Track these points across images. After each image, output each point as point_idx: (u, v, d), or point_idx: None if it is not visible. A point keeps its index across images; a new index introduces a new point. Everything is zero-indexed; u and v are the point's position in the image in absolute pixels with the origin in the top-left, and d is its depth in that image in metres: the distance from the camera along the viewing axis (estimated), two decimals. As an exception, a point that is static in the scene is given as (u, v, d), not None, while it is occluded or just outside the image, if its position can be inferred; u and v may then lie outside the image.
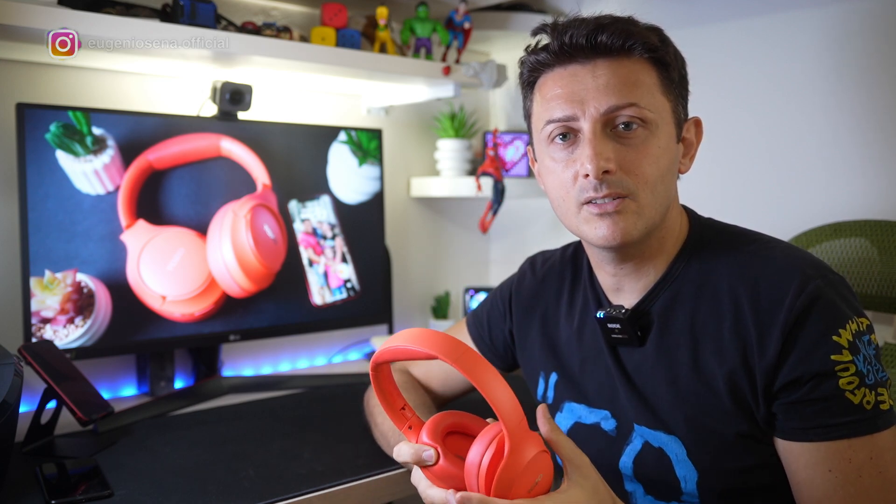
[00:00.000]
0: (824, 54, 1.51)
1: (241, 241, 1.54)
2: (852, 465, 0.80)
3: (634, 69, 0.88)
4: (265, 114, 1.72)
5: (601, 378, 0.98)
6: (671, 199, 0.92)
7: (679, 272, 0.93)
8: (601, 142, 0.86)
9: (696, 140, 0.96)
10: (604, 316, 0.95)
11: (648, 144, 0.87)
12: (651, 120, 0.87)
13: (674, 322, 0.91)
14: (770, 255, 0.88)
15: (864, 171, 1.47)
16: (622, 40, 0.87)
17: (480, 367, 0.72)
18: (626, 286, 0.96)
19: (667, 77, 0.90)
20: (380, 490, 1.11)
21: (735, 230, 0.96)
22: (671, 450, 0.90)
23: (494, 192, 1.82)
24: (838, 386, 0.80)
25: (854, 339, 0.81)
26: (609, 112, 0.86)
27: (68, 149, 1.34)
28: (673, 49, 0.92)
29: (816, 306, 0.82)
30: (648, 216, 0.88)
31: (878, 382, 0.82)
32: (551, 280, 1.10)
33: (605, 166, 0.85)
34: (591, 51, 0.88)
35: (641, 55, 0.88)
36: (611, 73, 0.87)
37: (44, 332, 1.32)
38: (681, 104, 0.93)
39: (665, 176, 0.89)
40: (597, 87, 0.87)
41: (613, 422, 0.97)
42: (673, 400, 0.90)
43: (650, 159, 0.87)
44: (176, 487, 1.05)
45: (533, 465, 0.73)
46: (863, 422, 0.80)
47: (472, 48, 2.05)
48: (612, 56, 0.88)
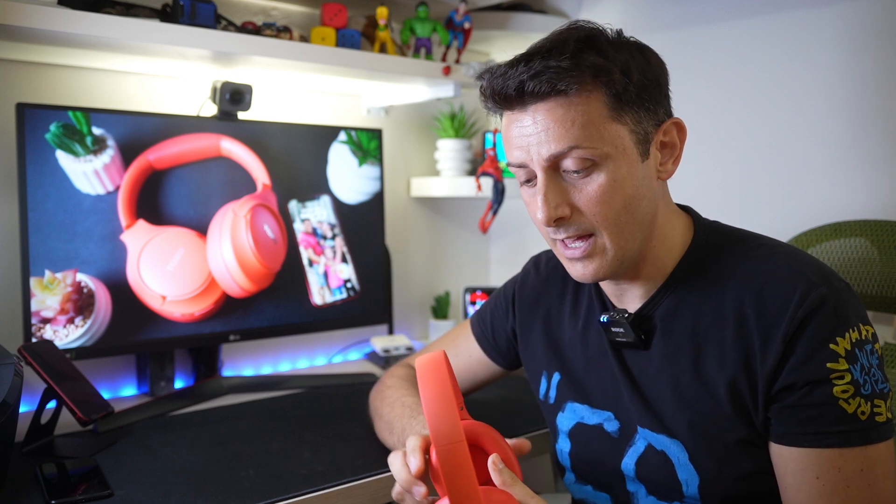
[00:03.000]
0: (824, 54, 1.51)
1: (241, 241, 1.54)
2: (841, 475, 0.80)
3: (573, 107, 0.83)
4: (265, 114, 1.72)
5: (605, 380, 0.98)
6: (648, 218, 0.89)
7: (682, 277, 0.92)
8: (552, 188, 0.86)
9: (678, 141, 0.91)
10: (607, 320, 0.95)
11: (601, 182, 0.85)
12: (600, 156, 0.84)
13: (677, 327, 0.91)
14: (776, 263, 0.87)
15: (864, 171, 1.47)
16: (550, 87, 0.83)
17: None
18: (627, 293, 0.96)
19: (617, 101, 0.84)
20: (380, 490, 1.11)
21: (740, 234, 0.95)
22: (673, 453, 0.90)
23: (494, 192, 1.82)
24: (832, 394, 0.80)
25: (853, 348, 0.81)
26: (552, 159, 0.85)
27: (68, 149, 1.34)
28: (623, 66, 0.84)
29: (818, 314, 0.82)
30: (619, 249, 0.88)
31: (876, 394, 0.81)
32: (555, 280, 1.10)
33: (556, 214, 0.86)
34: (522, 100, 0.85)
35: (579, 93, 0.83)
36: (549, 119, 0.84)
37: (44, 332, 1.32)
38: (646, 116, 0.87)
39: (630, 204, 0.86)
40: (537, 133, 0.85)
41: (616, 423, 0.97)
42: (676, 404, 0.90)
43: (605, 197, 0.85)
44: (176, 487, 1.05)
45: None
46: (856, 432, 0.80)
47: (472, 48, 2.05)
48: (547, 99, 0.84)
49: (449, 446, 0.70)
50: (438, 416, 0.71)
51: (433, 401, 0.72)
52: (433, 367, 0.74)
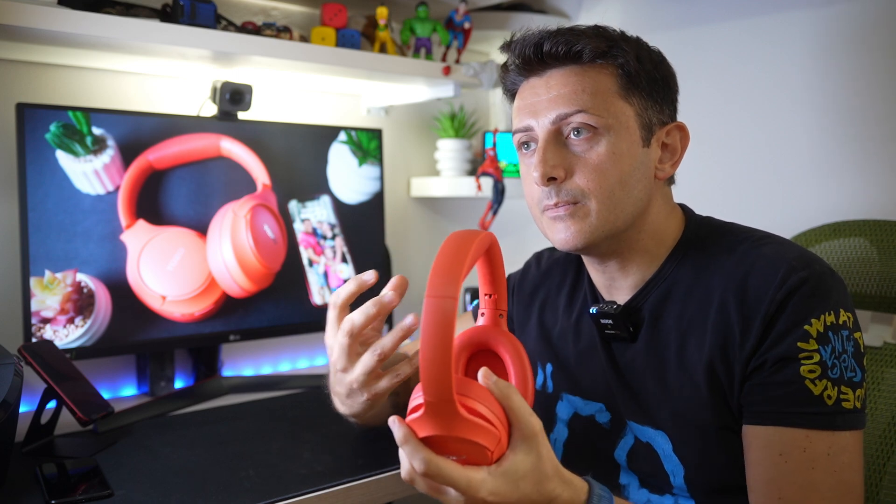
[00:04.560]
0: (824, 54, 1.51)
1: (241, 241, 1.54)
2: (806, 455, 0.80)
3: (586, 76, 0.89)
4: (265, 114, 1.72)
5: (595, 372, 0.99)
6: (641, 201, 0.91)
7: (671, 271, 0.93)
8: (550, 149, 0.89)
9: (680, 145, 0.95)
10: (597, 311, 0.96)
11: (600, 151, 0.88)
12: (603, 125, 0.88)
13: (664, 319, 0.92)
14: (760, 252, 0.88)
15: (863, 170, 1.47)
16: (567, 46, 0.89)
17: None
18: (616, 283, 0.97)
19: (627, 81, 0.90)
20: (380, 490, 1.11)
21: (731, 228, 0.96)
22: (658, 445, 0.91)
23: (494, 192, 1.82)
24: (799, 373, 0.81)
25: (826, 331, 0.82)
26: (558, 120, 0.89)
27: (68, 149, 1.34)
28: (636, 53, 0.90)
29: (795, 296, 0.82)
30: (604, 220, 0.89)
31: (845, 380, 0.81)
32: (555, 273, 1.11)
33: (551, 173, 0.88)
34: (541, 63, 0.91)
35: (594, 61, 0.89)
36: (562, 83, 0.90)
37: (44, 332, 1.32)
38: (653, 107, 0.92)
39: (625, 181, 0.89)
40: (549, 97, 0.90)
41: (608, 415, 0.98)
42: (660, 395, 0.91)
43: (602, 166, 0.88)
44: (176, 487, 1.05)
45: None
46: (820, 415, 0.80)
47: (472, 48, 2.05)
48: (563, 65, 0.91)
49: (436, 299, 0.65)
50: (442, 271, 0.67)
51: (446, 254, 0.69)
52: (460, 238, 0.71)
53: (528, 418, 0.72)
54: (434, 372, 0.64)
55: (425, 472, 0.69)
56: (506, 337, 0.82)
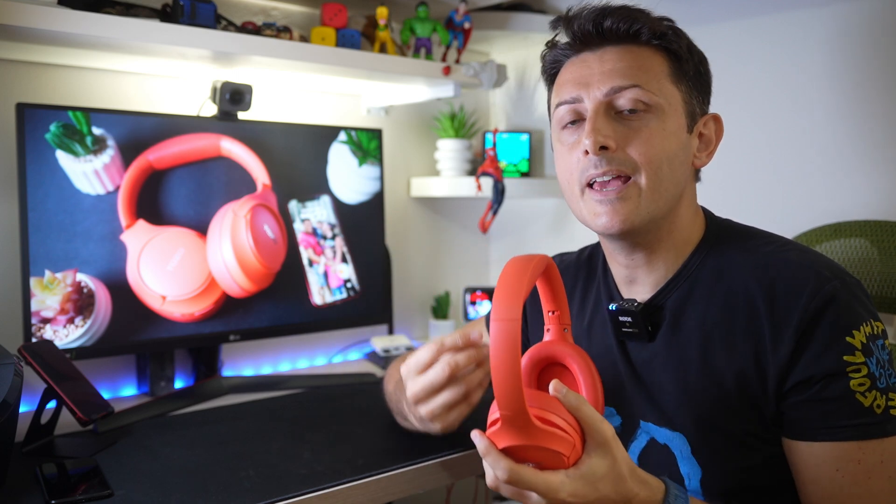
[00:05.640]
0: (826, 54, 1.51)
1: (241, 241, 1.54)
2: (861, 467, 0.80)
3: (642, 55, 0.90)
4: (265, 114, 1.72)
5: (608, 375, 0.98)
6: (680, 187, 0.91)
7: (693, 269, 0.93)
8: (602, 120, 0.89)
9: (715, 137, 0.97)
10: (616, 308, 0.95)
11: (651, 127, 0.88)
12: (655, 104, 0.88)
13: (686, 319, 0.91)
14: (787, 257, 0.88)
15: (864, 171, 1.47)
16: (628, 24, 0.90)
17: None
18: (638, 279, 0.96)
19: (678, 67, 0.91)
20: (380, 490, 1.11)
21: (752, 231, 0.96)
22: (676, 446, 0.90)
23: (494, 192, 1.82)
24: (849, 387, 0.80)
25: (868, 342, 0.81)
26: (612, 93, 0.89)
27: (68, 149, 1.34)
28: (687, 43, 0.93)
29: (831, 307, 0.82)
30: (652, 201, 0.88)
31: (890, 387, 0.82)
32: (568, 275, 1.11)
33: (603, 142, 0.87)
34: (599, 37, 0.91)
35: (650, 42, 0.91)
36: (617, 58, 0.90)
37: (44, 332, 1.32)
38: (696, 97, 0.94)
39: (672, 160, 0.89)
40: (602, 70, 0.90)
41: (618, 419, 0.98)
42: (680, 396, 0.90)
43: (654, 140, 0.88)
44: (176, 487, 1.05)
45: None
46: (872, 425, 0.80)
47: (472, 48, 2.05)
48: (619, 42, 0.91)
49: (503, 322, 0.70)
50: (504, 295, 0.72)
51: (506, 279, 0.73)
52: (519, 263, 0.76)
53: (600, 425, 0.75)
54: (506, 388, 0.69)
55: (507, 480, 0.73)
56: (573, 349, 0.86)
